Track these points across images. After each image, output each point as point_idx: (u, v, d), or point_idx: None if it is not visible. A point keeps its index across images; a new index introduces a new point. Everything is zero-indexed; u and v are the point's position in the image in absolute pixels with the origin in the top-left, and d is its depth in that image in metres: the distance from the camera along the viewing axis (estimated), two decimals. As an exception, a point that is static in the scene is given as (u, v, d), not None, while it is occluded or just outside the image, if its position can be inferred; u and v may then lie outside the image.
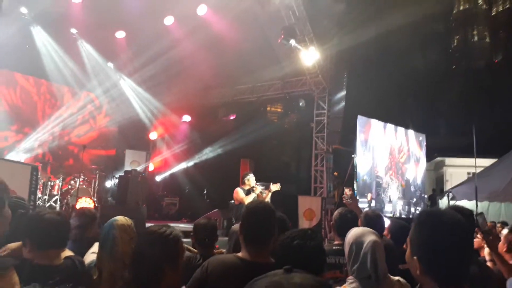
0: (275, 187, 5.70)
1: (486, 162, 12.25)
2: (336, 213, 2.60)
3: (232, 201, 6.50)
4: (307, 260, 1.52)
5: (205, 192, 12.04)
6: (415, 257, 1.20)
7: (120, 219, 1.90)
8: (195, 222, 2.67)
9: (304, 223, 8.87)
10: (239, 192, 5.69)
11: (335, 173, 10.64)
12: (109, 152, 11.70)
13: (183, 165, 12.86)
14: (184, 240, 1.56)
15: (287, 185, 11.99)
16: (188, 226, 7.53)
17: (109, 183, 10.88)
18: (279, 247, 1.61)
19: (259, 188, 5.81)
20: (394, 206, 9.73)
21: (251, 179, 5.81)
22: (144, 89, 11.72)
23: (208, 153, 12.84)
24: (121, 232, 1.83)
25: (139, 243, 1.52)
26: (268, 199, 5.59)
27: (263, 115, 13.31)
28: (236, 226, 2.31)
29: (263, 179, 7.22)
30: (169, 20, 9.60)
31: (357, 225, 2.29)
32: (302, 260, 1.51)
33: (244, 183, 5.81)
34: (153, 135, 13.00)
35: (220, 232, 6.13)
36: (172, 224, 1.65)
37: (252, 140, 11.66)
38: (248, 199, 5.51)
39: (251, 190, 5.64)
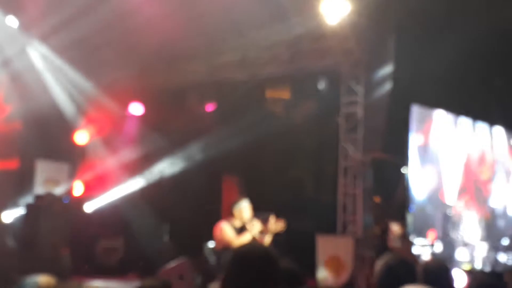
0: (276, 225, 6.03)
1: None
2: (378, 264, 2.71)
3: (210, 244, 6.64)
4: None
5: (165, 228, 12.28)
6: None
7: (43, 281, 1.97)
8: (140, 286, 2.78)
9: (326, 279, 9.17)
10: (224, 230, 5.91)
11: (376, 199, 10.77)
12: (8, 164, 11.72)
13: (131, 186, 12.95)
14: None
15: (299, 218, 11.98)
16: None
17: (8, 216, 10.88)
18: None
19: (256, 226, 6.04)
20: (472, 251, 9.85)
21: (244, 210, 6.07)
22: (66, 61, 11.71)
23: (171, 166, 12.99)
24: None
25: None
26: (267, 241, 5.95)
27: (259, 105, 13.16)
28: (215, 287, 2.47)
29: (260, 208, 7.52)
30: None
31: (412, 282, 2.40)
32: None
33: (232, 216, 6.06)
34: (81, 137, 13.14)
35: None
36: (113, 284, 1.62)
37: (243, 145, 11.81)
38: (238, 241, 5.72)
39: (244, 228, 5.91)
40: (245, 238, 5.75)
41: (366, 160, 10.65)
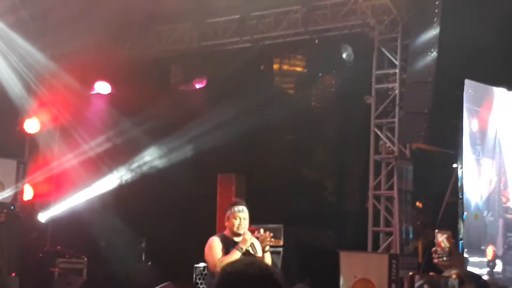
0: (264, 239, 6.11)
1: None
2: (419, 286, 2.72)
3: (201, 264, 6.92)
4: None
5: (142, 244, 12.15)
6: None
7: None
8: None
9: None
10: (213, 247, 6.06)
11: (419, 203, 10.77)
12: None
13: (97, 188, 12.94)
14: None
15: (317, 231, 11.83)
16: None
17: None
18: None
19: (253, 241, 6.13)
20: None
21: (239, 216, 6.13)
22: (12, 27, 11.71)
23: (150, 161, 12.99)
24: None
25: None
26: (268, 258, 6.08)
27: (264, 81, 13.26)
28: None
29: (266, 217, 7.65)
30: None
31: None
32: None
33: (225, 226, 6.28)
34: (31, 125, 13.06)
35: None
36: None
37: (243, 135, 11.88)
38: (228, 260, 5.77)
39: (240, 247, 6.01)
40: (236, 256, 5.92)
41: (405, 153, 10.57)
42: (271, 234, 6.16)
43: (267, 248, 6.18)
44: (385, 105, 10.78)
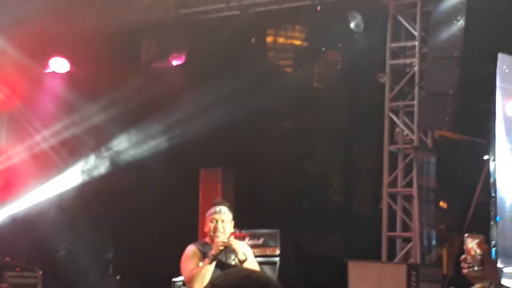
0: (239, 244, 6.41)
1: None
2: None
3: (179, 280, 7.29)
4: None
5: (109, 254, 12.32)
6: None
7: None
8: None
9: None
10: (187, 258, 6.36)
11: (443, 203, 10.88)
12: None
13: (53, 187, 12.99)
14: None
15: (322, 236, 11.81)
16: None
17: None
18: None
19: (241, 247, 6.37)
20: None
21: (216, 218, 6.35)
22: None
23: (117, 153, 13.16)
24: None
25: None
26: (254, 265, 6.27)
27: (256, 56, 13.25)
28: None
29: (258, 221, 7.46)
30: None
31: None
32: None
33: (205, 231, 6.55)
34: None
35: None
36: None
37: (230, 121, 12.02)
38: (204, 274, 6.15)
39: (211, 254, 6.22)
40: (205, 269, 6.16)
41: (426, 142, 10.60)
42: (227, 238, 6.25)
43: (244, 256, 6.24)
44: (402, 85, 10.79)
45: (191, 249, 6.35)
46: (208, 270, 6.11)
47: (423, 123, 10.59)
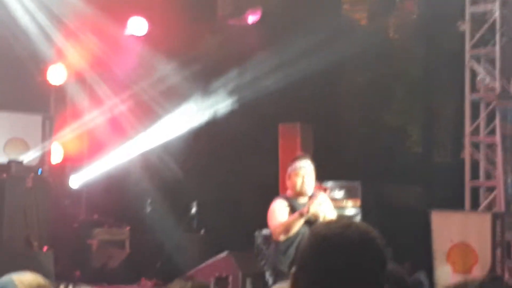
0: (321, 196, 6.44)
1: None
2: None
3: (264, 231, 7.22)
4: None
5: (193, 210, 12.52)
6: None
7: (22, 279, 2.71)
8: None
9: (450, 278, 9.19)
10: (275, 211, 6.41)
11: None
12: None
13: (138, 147, 13.11)
14: None
15: (400, 185, 11.75)
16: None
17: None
18: None
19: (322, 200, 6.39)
20: None
21: (302, 173, 6.38)
22: None
23: (198, 111, 13.13)
24: None
25: None
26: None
27: (331, 10, 13.24)
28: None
29: (338, 173, 7.09)
30: None
31: None
32: None
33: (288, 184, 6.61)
34: (56, 74, 13.10)
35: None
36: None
37: (307, 76, 11.95)
38: (294, 226, 6.22)
39: (306, 211, 6.26)
40: (300, 223, 6.17)
41: (509, 90, 10.48)
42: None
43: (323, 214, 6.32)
44: (483, 31, 10.50)
45: (280, 202, 6.41)
46: (299, 224, 6.18)
47: (506, 70, 10.37)
